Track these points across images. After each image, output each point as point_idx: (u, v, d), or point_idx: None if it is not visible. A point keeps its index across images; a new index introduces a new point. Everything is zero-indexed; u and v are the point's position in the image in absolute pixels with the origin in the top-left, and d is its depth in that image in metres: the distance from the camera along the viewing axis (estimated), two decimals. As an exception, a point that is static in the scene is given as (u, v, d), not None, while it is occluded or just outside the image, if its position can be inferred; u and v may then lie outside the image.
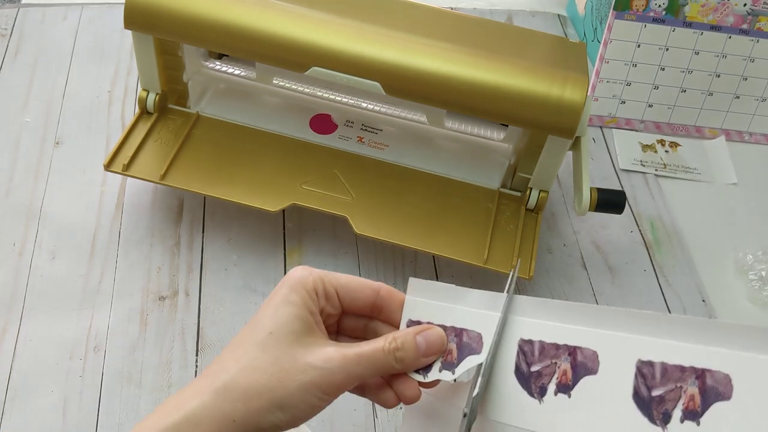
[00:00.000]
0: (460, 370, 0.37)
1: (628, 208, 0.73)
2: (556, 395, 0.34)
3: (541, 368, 0.35)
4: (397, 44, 0.58)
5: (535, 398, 0.35)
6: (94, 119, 0.75)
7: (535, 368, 0.35)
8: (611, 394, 0.32)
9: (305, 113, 0.70)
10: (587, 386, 0.33)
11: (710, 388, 0.29)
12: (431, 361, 0.38)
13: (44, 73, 0.79)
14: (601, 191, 0.64)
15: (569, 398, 0.34)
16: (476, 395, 0.36)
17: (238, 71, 0.70)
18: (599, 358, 0.33)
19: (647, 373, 0.31)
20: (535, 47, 0.64)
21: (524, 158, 0.63)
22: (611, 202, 0.64)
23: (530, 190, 0.64)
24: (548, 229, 0.71)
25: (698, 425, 0.29)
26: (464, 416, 0.36)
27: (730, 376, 0.28)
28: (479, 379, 0.36)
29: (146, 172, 0.63)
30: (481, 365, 0.37)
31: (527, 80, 0.57)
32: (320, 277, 0.38)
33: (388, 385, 0.39)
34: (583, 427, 0.33)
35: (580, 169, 0.63)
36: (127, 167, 0.62)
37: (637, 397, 0.31)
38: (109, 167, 0.62)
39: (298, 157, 0.66)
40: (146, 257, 0.64)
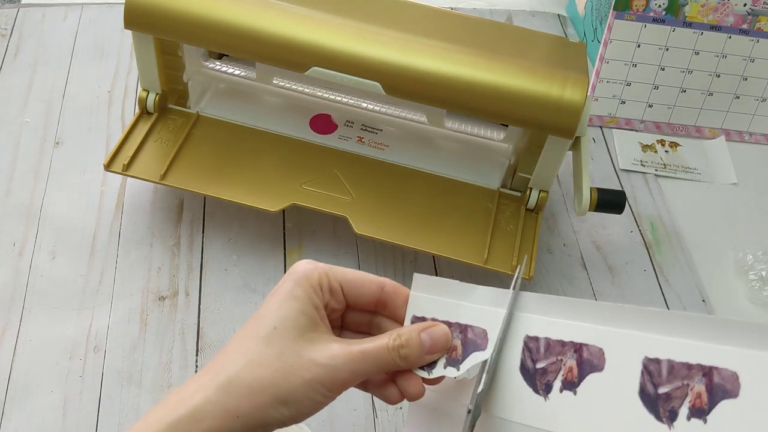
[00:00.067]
0: (465, 366, 0.37)
1: (628, 208, 0.73)
2: (561, 392, 0.34)
3: (546, 365, 0.35)
4: (397, 44, 0.58)
5: (540, 395, 0.35)
6: (94, 119, 0.75)
7: (540, 365, 0.35)
8: (617, 391, 0.32)
9: (305, 113, 0.70)
10: (593, 383, 0.33)
11: (717, 385, 0.29)
12: (436, 358, 0.38)
13: (44, 73, 0.79)
14: (601, 191, 0.64)
15: (575, 395, 0.33)
16: (481, 392, 0.36)
17: (238, 71, 0.70)
18: (605, 355, 0.33)
19: (654, 370, 0.31)
20: (534, 47, 0.64)
21: (524, 158, 0.63)
22: (611, 202, 0.64)
23: (530, 190, 0.64)
24: (548, 229, 0.71)
25: (705, 423, 0.29)
26: (468, 413, 0.36)
27: (737, 373, 0.28)
28: (484, 375, 0.36)
29: (146, 172, 0.62)
30: (486, 362, 0.36)
31: (527, 80, 0.57)
32: (325, 271, 0.38)
33: (391, 381, 0.39)
34: (588, 424, 0.32)
35: (580, 169, 0.63)
36: (127, 167, 0.62)
37: (643, 394, 0.31)
38: (109, 167, 0.62)
39: (298, 157, 0.66)
40: (146, 257, 0.64)
